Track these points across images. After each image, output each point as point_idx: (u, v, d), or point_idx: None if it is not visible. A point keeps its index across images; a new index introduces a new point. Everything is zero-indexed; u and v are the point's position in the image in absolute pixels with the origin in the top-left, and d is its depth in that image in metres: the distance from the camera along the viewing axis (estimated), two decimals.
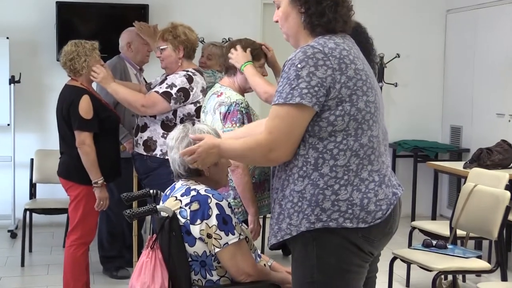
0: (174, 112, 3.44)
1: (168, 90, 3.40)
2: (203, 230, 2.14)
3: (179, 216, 2.17)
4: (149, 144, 3.50)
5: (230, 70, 3.04)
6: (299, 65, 1.91)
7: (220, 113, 2.93)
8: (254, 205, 2.92)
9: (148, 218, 4.48)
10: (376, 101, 2.00)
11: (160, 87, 3.44)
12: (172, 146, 2.30)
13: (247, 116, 2.91)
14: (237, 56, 2.98)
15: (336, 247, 1.96)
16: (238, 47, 2.99)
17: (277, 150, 1.94)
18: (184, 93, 3.40)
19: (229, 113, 2.90)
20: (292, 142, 1.95)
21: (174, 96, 3.39)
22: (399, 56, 6.12)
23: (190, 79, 3.42)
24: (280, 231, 2.02)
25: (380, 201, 1.97)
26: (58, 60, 4.48)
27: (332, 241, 1.95)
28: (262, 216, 3.42)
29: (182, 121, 3.40)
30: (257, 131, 2.19)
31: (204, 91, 3.47)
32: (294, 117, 1.91)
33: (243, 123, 2.88)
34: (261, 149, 1.96)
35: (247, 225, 2.89)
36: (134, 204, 3.81)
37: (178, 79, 3.42)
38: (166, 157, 3.35)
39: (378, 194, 1.97)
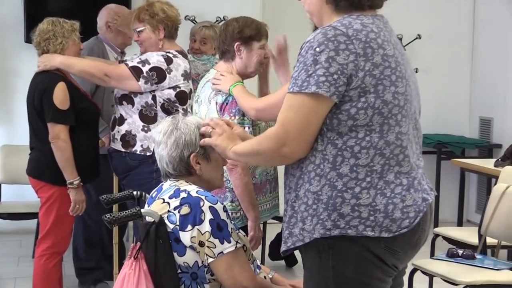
0: (154, 97, 3.43)
1: (139, 66, 3.37)
2: (195, 237, 2.15)
3: (167, 221, 2.19)
4: (128, 139, 3.49)
5: (227, 54, 3.05)
6: (317, 49, 1.92)
7: (216, 103, 2.95)
8: (254, 209, 2.93)
9: (131, 223, 4.48)
10: (407, 93, 2.00)
11: (132, 60, 3.44)
12: (159, 141, 2.31)
13: None
14: (224, 81, 2.96)
15: (355, 257, 1.97)
16: (225, 73, 2.98)
17: (291, 144, 1.95)
18: (158, 73, 3.37)
19: (227, 103, 2.92)
20: (308, 136, 1.96)
21: (144, 74, 3.36)
22: (420, 38, 6.13)
23: (168, 60, 3.41)
24: (291, 237, 2.04)
25: (408, 207, 1.98)
26: (27, 41, 4.48)
27: (351, 250, 1.97)
28: (263, 222, 3.44)
29: (163, 108, 3.40)
30: None
31: (187, 76, 3.47)
32: (309, 108, 1.93)
33: (243, 115, 2.90)
34: (272, 144, 1.97)
35: (246, 232, 2.91)
36: (115, 207, 3.82)
37: (155, 57, 3.40)
38: (148, 154, 3.41)
39: (406, 199, 1.98)
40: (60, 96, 3.37)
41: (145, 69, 3.37)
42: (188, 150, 2.29)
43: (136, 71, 3.37)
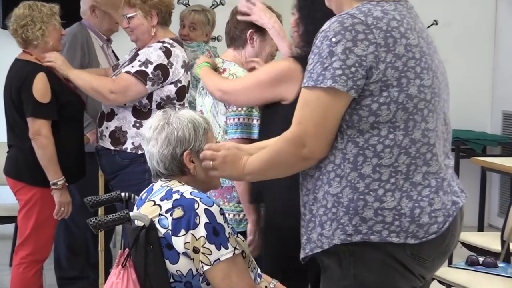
0: (149, 95, 3.44)
1: (143, 68, 3.40)
2: (189, 243, 2.16)
3: (158, 226, 2.19)
4: (118, 136, 3.50)
5: (237, 40, 3.07)
6: (333, 39, 1.92)
7: None
8: (255, 211, 2.94)
9: (119, 228, 4.50)
10: (435, 86, 2.01)
11: (132, 66, 3.43)
12: (149, 137, 2.32)
13: None
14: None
15: (378, 265, 1.98)
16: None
17: (310, 144, 1.96)
18: (163, 71, 3.41)
19: None
20: (326, 134, 1.97)
21: (150, 76, 3.39)
22: (436, 24, 6.13)
23: (168, 52, 3.42)
24: (309, 243, 2.05)
25: (436, 211, 1.99)
26: (3, 27, 4.47)
27: (374, 257, 1.98)
28: None
29: (159, 107, 3.41)
30: None
31: (186, 67, 3.49)
32: (326, 104, 1.94)
33: (251, 107, 2.91)
34: (291, 147, 1.99)
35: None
36: (100, 210, 3.83)
37: (154, 54, 3.42)
38: (140, 152, 3.41)
39: (434, 202, 1.98)
40: (41, 87, 3.37)
41: (150, 70, 3.39)
42: (181, 147, 2.29)
43: (142, 76, 3.39)
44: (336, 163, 1.99)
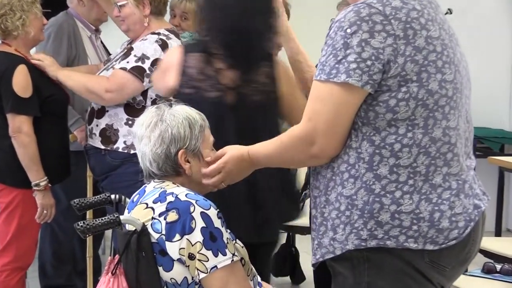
0: (144, 91, 3.45)
1: (139, 64, 3.40)
2: (184, 248, 2.16)
3: (150, 230, 2.20)
4: (109, 135, 3.51)
5: None
6: (348, 30, 1.93)
7: None
8: None
9: (108, 233, 4.50)
10: (456, 81, 2.02)
11: (127, 62, 3.43)
12: (141, 135, 2.32)
13: None
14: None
15: (394, 273, 1.99)
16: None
17: (321, 142, 1.98)
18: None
19: None
20: (339, 131, 1.99)
21: (148, 72, 3.39)
22: (451, 12, 6.12)
23: (164, 45, 3.42)
24: (320, 248, 2.06)
25: (457, 216, 2.00)
26: None
27: (389, 264, 1.99)
28: None
29: (154, 104, 3.39)
30: None
31: None
32: (339, 99, 1.95)
33: None
34: (299, 145, 2.02)
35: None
36: (88, 214, 3.83)
37: (150, 48, 3.42)
38: (132, 152, 3.42)
39: (455, 206, 2.00)
40: (21, 81, 3.37)
41: (147, 65, 3.39)
42: (176, 146, 2.30)
43: (138, 72, 3.40)
44: (350, 163, 2.00)
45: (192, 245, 2.15)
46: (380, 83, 1.93)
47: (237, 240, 2.36)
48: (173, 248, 2.17)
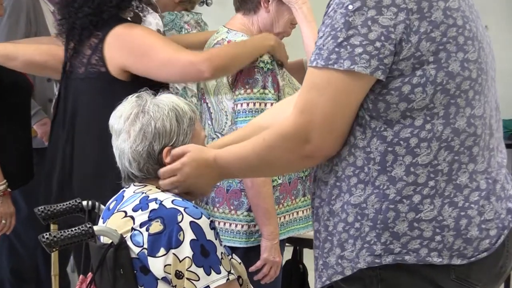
0: None
1: None
2: (170, 265, 2.16)
3: (130, 243, 2.20)
4: None
5: (248, 3, 3.11)
6: (350, 7, 1.91)
7: None
8: (271, 221, 3.00)
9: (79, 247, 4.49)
10: (481, 60, 2.00)
11: None
12: (119, 129, 2.33)
13: (272, 77, 2.97)
14: None
15: None
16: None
17: (316, 139, 1.97)
18: None
19: (241, 72, 2.98)
20: (339, 126, 1.98)
21: None
22: None
23: (136, 18, 3.42)
24: (326, 269, 2.05)
25: (488, 222, 1.99)
26: None
27: (409, 284, 1.98)
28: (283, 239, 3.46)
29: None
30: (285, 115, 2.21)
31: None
32: (340, 89, 1.94)
33: (264, 87, 2.96)
34: (289, 142, 1.99)
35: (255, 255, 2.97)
36: (53, 226, 3.82)
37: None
38: None
39: (485, 211, 1.98)
40: None
41: None
42: (160, 143, 2.30)
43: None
44: (357, 165, 1.99)
45: (180, 261, 2.16)
46: (390, 68, 1.92)
47: (233, 255, 2.37)
48: (157, 265, 2.17)
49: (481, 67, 2.00)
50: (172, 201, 2.22)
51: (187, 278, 2.16)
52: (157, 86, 2.62)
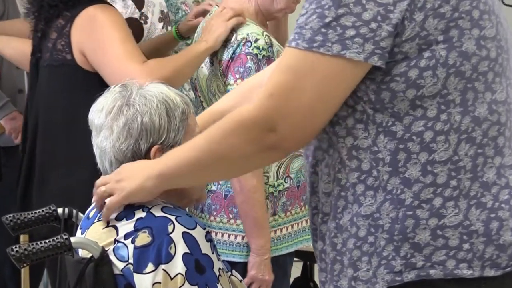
0: None
1: None
2: (159, 283, 2.16)
3: (113, 258, 2.20)
4: None
5: None
6: None
7: (220, 61, 3.06)
8: (262, 233, 3.01)
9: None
10: (500, 37, 1.99)
11: None
12: (99, 124, 2.33)
13: (268, 65, 2.97)
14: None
15: None
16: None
17: (283, 128, 1.93)
18: (133, 28, 3.45)
19: (232, 59, 3.02)
20: (317, 119, 1.96)
21: None
22: None
23: None
24: None
25: None
26: None
27: None
28: (286, 253, 3.46)
29: None
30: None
31: (166, 20, 3.56)
32: (327, 77, 1.92)
33: None
34: (249, 130, 1.95)
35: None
36: (23, 237, 3.83)
37: (118, 3, 3.50)
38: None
39: None
40: None
41: None
42: (147, 140, 2.30)
43: None
44: (363, 169, 1.98)
45: (171, 279, 2.16)
46: (392, 51, 1.91)
47: (233, 271, 2.37)
48: (144, 283, 2.17)
49: (501, 45, 1.99)
50: (162, 209, 2.22)
51: None
52: None
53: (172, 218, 2.19)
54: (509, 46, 2.03)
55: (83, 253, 2.24)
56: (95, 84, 2.78)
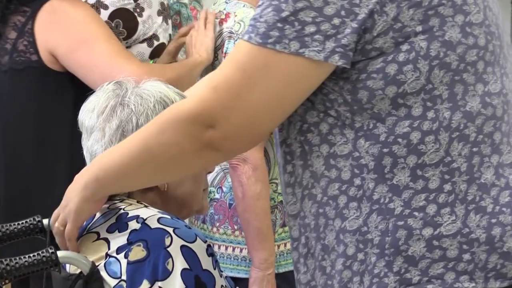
0: None
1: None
2: None
3: (104, 274, 2.21)
4: None
5: None
6: None
7: (225, 54, 3.11)
8: (266, 245, 3.02)
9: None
10: (489, 22, 1.99)
11: None
12: (90, 126, 2.33)
13: None
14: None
15: None
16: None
17: (224, 125, 1.91)
18: (126, 21, 3.39)
19: (226, 52, 3.10)
20: (265, 122, 1.95)
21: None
22: None
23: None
24: None
25: None
26: None
27: None
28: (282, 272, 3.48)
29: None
30: None
31: (166, 13, 3.54)
32: (282, 77, 1.91)
33: None
34: (186, 124, 1.94)
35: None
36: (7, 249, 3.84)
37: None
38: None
39: None
40: None
41: (104, 17, 3.39)
42: None
43: None
44: (343, 179, 1.97)
45: None
46: (363, 49, 1.90)
47: None
48: None
49: (490, 31, 1.98)
50: (159, 220, 2.22)
51: None
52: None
53: (170, 230, 2.19)
54: (501, 32, 2.03)
55: (71, 269, 2.25)
56: (67, 86, 2.77)
